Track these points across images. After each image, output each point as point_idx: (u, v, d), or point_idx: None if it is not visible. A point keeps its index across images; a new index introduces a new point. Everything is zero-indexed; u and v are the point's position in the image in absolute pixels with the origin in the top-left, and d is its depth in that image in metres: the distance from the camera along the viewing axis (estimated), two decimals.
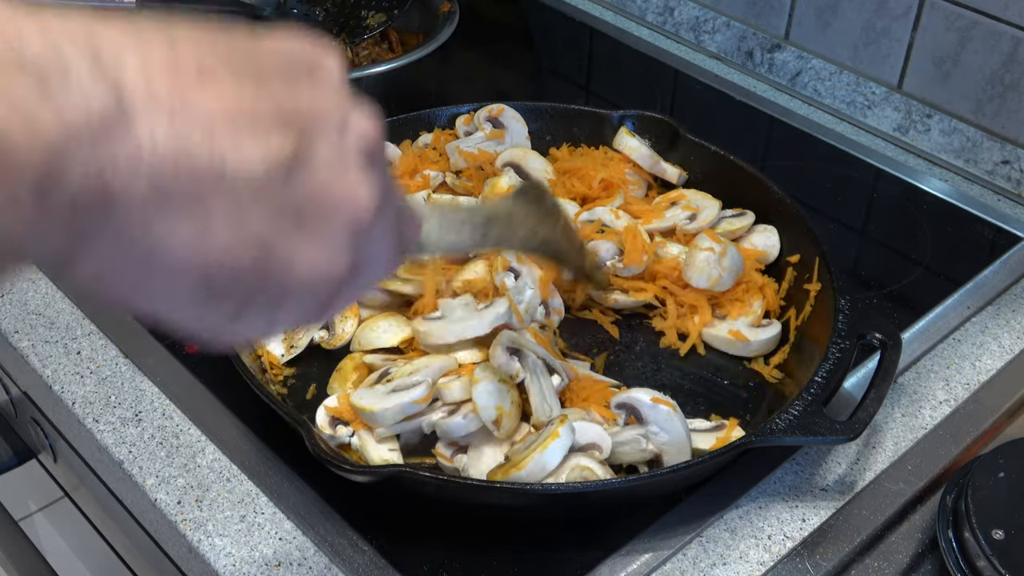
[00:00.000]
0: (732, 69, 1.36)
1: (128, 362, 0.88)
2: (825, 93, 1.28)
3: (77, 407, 0.84)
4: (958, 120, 1.17)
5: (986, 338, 0.93)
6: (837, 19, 1.24)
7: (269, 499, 0.76)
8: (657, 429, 0.76)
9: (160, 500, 0.77)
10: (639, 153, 1.01)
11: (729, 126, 1.26)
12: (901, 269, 1.02)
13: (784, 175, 1.02)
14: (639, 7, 1.47)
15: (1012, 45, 1.09)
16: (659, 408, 0.76)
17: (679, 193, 1.01)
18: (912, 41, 1.18)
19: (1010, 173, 1.14)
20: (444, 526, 0.74)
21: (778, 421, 0.73)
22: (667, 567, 0.73)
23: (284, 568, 0.72)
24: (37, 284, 0.96)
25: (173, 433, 0.82)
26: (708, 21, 1.38)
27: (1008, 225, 1.08)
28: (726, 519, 0.76)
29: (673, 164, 1.03)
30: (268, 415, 0.75)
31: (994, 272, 1.01)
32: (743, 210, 0.98)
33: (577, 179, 1.02)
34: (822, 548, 0.74)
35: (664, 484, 0.74)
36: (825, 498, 0.78)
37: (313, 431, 0.70)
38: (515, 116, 1.08)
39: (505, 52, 1.41)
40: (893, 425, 0.84)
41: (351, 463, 0.69)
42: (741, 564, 0.73)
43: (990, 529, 0.68)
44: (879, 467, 0.80)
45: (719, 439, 0.78)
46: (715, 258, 0.89)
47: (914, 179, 1.15)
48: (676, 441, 0.75)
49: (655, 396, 0.77)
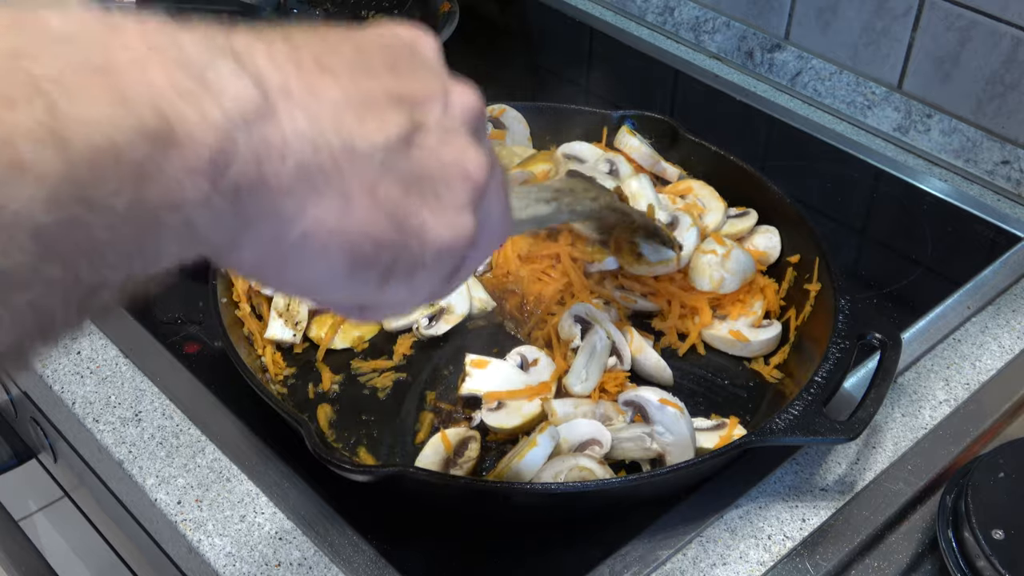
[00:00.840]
0: (732, 69, 1.36)
1: (128, 362, 0.88)
2: (825, 93, 1.28)
3: (77, 407, 0.84)
4: (958, 120, 1.17)
5: (986, 338, 0.93)
6: (837, 19, 1.24)
7: (269, 499, 0.76)
8: (663, 430, 0.76)
9: (160, 500, 0.77)
10: (640, 152, 1.02)
11: (729, 126, 1.26)
12: (901, 269, 1.02)
13: (784, 175, 1.02)
14: (639, 7, 1.47)
15: (1012, 45, 1.09)
16: (666, 410, 0.76)
17: (687, 186, 1.01)
18: (912, 41, 1.18)
19: (1010, 173, 1.14)
20: (444, 526, 0.74)
21: (778, 421, 0.73)
22: (667, 567, 0.73)
23: (284, 568, 0.72)
24: None
25: (173, 433, 0.82)
26: (708, 21, 1.38)
27: (1008, 225, 1.08)
28: (726, 519, 0.76)
29: (673, 164, 1.03)
30: (268, 415, 0.75)
31: (994, 272, 1.01)
32: (746, 209, 0.98)
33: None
34: (822, 548, 0.74)
35: (664, 484, 0.74)
36: (825, 498, 0.78)
37: (313, 431, 0.70)
38: (517, 117, 1.08)
39: (505, 52, 1.41)
40: (893, 425, 0.84)
41: (351, 463, 0.69)
42: (741, 564, 0.73)
43: (990, 529, 0.68)
44: (879, 467, 0.80)
45: (722, 437, 0.78)
46: (718, 261, 0.90)
47: (914, 179, 1.15)
48: (680, 443, 0.76)
49: (663, 397, 0.78)
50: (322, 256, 0.39)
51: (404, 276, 0.42)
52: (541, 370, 0.82)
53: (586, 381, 0.80)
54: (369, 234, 0.39)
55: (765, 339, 0.88)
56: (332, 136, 0.37)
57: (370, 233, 0.39)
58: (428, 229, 0.41)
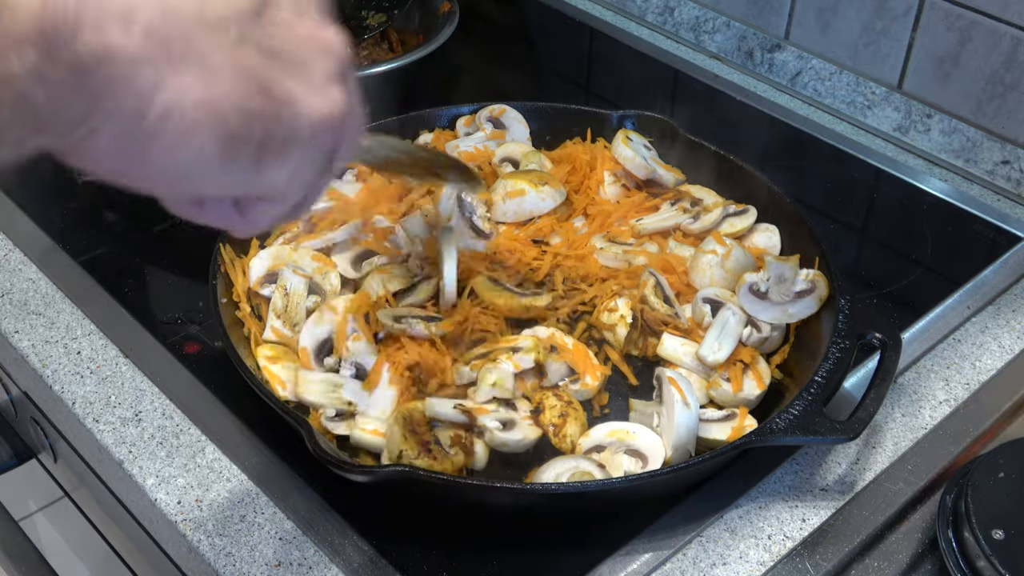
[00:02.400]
0: (732, 69, 1.36)
1: (128, 362, 0.88)
2: (825, 93, 1.28)
3: (77, 407, 0.84)
4: (958, 120, 1.17)
5: (986, 338, 0.93)
6: (837, 19, 1.24)
7: (269, 499, 0.76)
8: (664, 412, 0.78)
9: (160, 500, 0.77)
10: (633, 164, 1.00)
11: (729, 126, 1.26)
12: (901, 269, 1.02)
13: (784, 175, 1.02)
14: (639, 7, 1.47)
15: (1012, 45, 1.09)
16: (670, 389, 0.78)
17: (676, 192, 1.01)
18: (912, 41, 1.18)
19: (1010, 173, 1.14)
20: (444, 526, 0.74)
21: (778, 421, 0.73)
22: (667, 567, 0.73)
23: (284, 568, 0.72)
24: (37, 284, 0.96)
25: (173, 433, 0.82)
26: (708, 21, 1.39)
27: (1008, 225, 1.08)
28: (726, 519, 0.76)
29: (670, 167, 1.02)
30: (268, 415, 0.75)
31: (994, 272, 1.01)
32: (745, 206, 0.98)
33: (569, 164, 1.03)
34: (822, 548, 0.74)
35: (664, 484, 0.74)
36: (825, 498, 0.78)
37: (314, 431, 0.70)
38: (517, 117, 1.08)
39: (505, 52, 1.41)
40: (893, 425, 0.84)
41: (351, 463, 0.69)
42: (741, 564, 0.73)
43: (990, 529, 0.68)
44: (879, 467, 0.80)
45: (734, 428, 0.78)
46: (718, 260, 0.90)
47: (914, 179, 1.15)
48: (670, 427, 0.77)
49: (672, 376, 0.79)
50: (190, 132, 0.37)
51: (279, 153, 0.40)
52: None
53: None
54: (237, 104, 0.38)
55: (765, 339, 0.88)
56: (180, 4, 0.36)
57: (237, 103, 0.38)
58: (298, 99, 0.40)
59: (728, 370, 0.84)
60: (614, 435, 0.78)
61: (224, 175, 0.40)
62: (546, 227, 0.98)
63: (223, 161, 0.39)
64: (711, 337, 0.85)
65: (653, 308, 0.88)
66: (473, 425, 0.77)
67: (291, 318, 0.84)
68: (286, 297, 0.84)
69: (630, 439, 0.77)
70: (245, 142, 0.39)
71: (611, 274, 0.93)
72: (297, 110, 0.40)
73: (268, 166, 0.40)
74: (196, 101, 0.36)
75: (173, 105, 0.36)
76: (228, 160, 0.39)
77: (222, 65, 0.37)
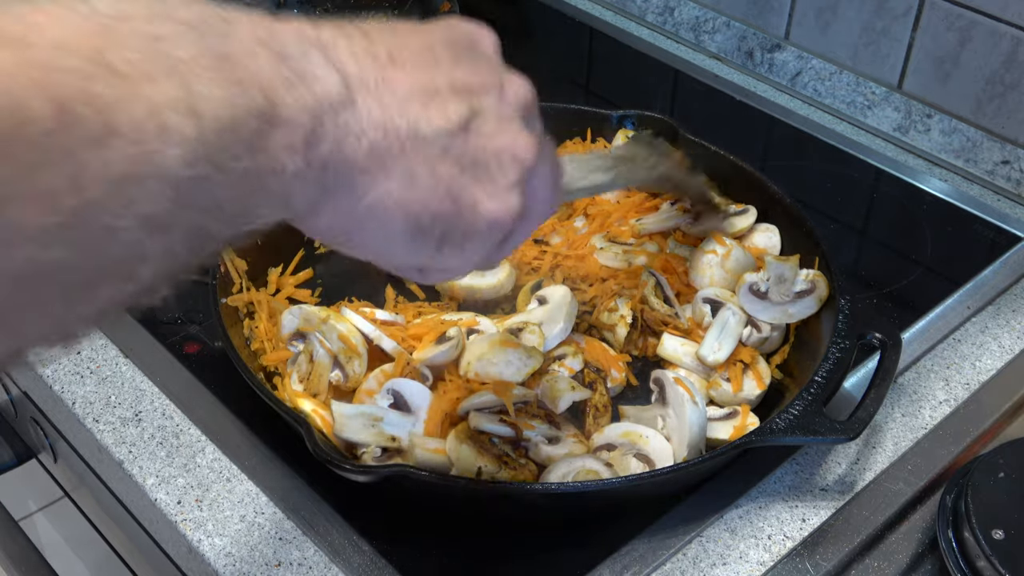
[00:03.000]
0: (732, 69, 1.36)
1: (128, 362, 0.88)
2: (825, 93, 1.28)
3: (77, 407, 0.84)
4: (958, 120, 1.17)
5: (986, 338, 0.93)
6: (837, 19, 1.24)
7: (269, 499, 0.76)
8: (672, 413, 0.77)
9: (160, 500, 0.77)
10: None
11: (729, 126, 1.26)
12: (901, 269, 1.02)
13: (784, 175, 1.01)
14: (639, 7, 1.47)
15: (1012, 45, 1.09)
16: (677, 389, 0.78)
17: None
18: (912, 41, 1.18)
19: (1010, 173, 1.14)
20: (444, 526, 0.74)
21: (778, 421, 0.73)
22: (667, 567, 0.73)
23: (284, 568, 0.72)
24: None
25: (173, 433, 0.82)
26: (708, 21, 1.38)
27: (1008, 225, 1.08)
28: (726, 519, 0.76)
29: None
30: (268, 415, 0.75)
31: (994, 272, 1.01)
32: (745, 206, 0.98)
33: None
34: (822, 548, 0.74)
35: (664, 484, 0.74)
36: (825, 498, 0.78)
37: (313, 431, 0.70)
38: None
39: (505, 52, 1.41)
40: (893, 425, 0.84)
41: (351, 463, 0.69)
42: (741, 564, 0.73)
43: (990, 529, 0.68)
44: (879, 467, 0.80)
45: (736, 427, 0.78)
46: (718, 260, 0.90)
47: (914, 179, 1.15)
48: (681, 428, 0.76)
49: (679, 377, 0.80)
50: (386, 224, 0.46)
51: (456, 244, 0.49)
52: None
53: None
54: (427, 206, 0.46)
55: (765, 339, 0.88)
56: (400, 122, 0.44)
57: (428, 206, 0.46)
58: (479, 204, 0.48)
59: (728, 370, 0.84)
60: (627, 436, 0.77)
61: (410, 255, 0.49)
62: (546, 227, 0.98)
63: (409, 246, 0.48)
64: (711, 337, 0.85)
65: (653, 308, 0.88)
66: (519, 439, 0.77)
67: (313, 386, 0.82)
68: (311, 364, 0.82)
69: (642, 443, 0.77)
70: (428, 234, 0.47)
71: (611, 274, 0.93)
72: (477, 212, 0.48)
73: (445, 252, 0.49)
74: (396, 201, 0.45)
75: (377, 203, 0.44)
76: (415, 245, 0.48)
77: (422, 175, 0.45)
